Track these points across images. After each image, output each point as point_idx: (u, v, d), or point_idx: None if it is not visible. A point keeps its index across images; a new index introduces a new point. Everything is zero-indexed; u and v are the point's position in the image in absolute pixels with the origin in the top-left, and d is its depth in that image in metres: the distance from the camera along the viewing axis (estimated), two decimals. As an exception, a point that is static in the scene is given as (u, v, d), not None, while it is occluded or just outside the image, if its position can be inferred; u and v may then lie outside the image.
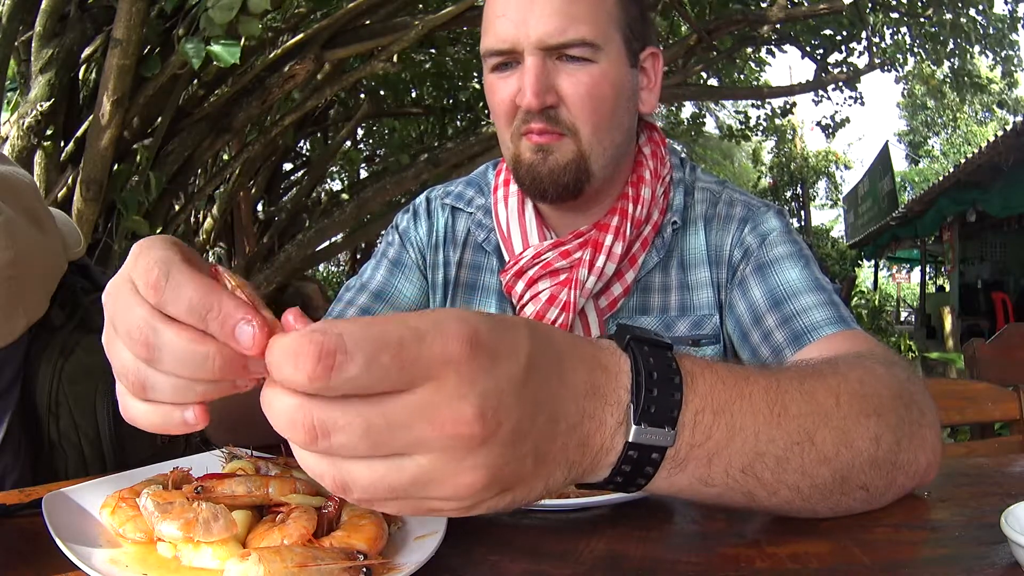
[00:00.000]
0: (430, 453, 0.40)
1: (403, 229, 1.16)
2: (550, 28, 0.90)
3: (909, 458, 0.63)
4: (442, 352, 0.39)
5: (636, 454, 0.49)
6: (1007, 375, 2.20)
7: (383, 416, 0.39)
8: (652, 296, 1.05)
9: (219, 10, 2.80)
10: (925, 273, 16.74)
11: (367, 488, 0.41)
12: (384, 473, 0.41)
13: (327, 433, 0.39)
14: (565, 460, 0.47)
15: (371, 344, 0.38)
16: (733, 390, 0.54)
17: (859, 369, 0.64)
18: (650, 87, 1.03)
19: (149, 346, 0.42)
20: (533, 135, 0.95)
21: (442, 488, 0.41)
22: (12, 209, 0.94)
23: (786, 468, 0.56)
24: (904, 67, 9.08)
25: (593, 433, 0.48)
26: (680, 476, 0.52)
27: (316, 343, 0.37)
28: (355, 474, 0.41)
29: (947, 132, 25.55)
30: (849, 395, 0.60)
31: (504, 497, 0.45)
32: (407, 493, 0.41)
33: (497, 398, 0.41)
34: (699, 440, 0.52)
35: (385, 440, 0.39)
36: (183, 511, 0.53)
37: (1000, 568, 0.53)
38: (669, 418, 0.50)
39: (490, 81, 0.98)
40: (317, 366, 0.37)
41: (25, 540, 0.61)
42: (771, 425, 0.55)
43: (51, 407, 0.97)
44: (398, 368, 0.38)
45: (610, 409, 0.48)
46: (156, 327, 0.42)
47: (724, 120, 15.88)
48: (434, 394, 0.39)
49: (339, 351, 0.37)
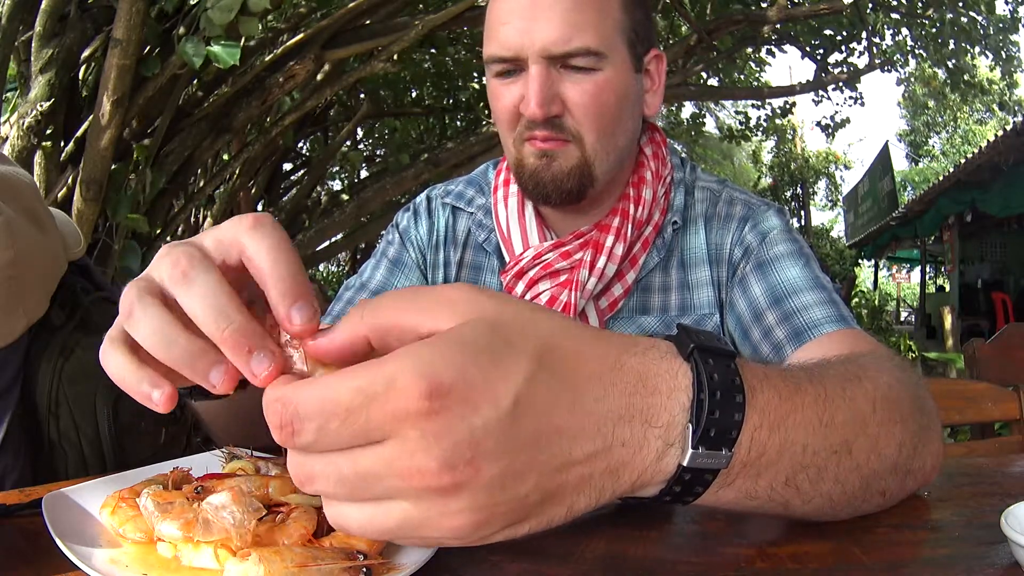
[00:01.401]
0: (408, 501, 0.40)
1: (403, 228, 1.15)
2: (555, 37, 0.89)
3: (920, 464, 0.63)
4: (394, 413, 0.38)
5: (689, 476, 0.47)
6: (1007, 375, 2.19)
7: (353, 467, 0.40)
8: (652, 296, 1.05)
9: (219, 10, 2.81)
10: (925, 273, 16.75)
11: (361, 528, 0.42)
12: (372, 515, 0.41)
13: (311, 479, 0.41)
14: (590, 488, 0.44)
15: (319, 413, 0.39)
16: (788, 403, 0.51)
17: (886, 374, 0.63)
18: (654, 89, 1.03)
19: (185, 269, 0.45)
20: (537, 141, 0.94)
21: (433, 530, 0.41)
22: (12, 209, 0.94)
23: (824, 478, 0.54)
24: (905, 68, 9.08)
25: (629, 460, 0.44)
26: (727, 491, 0.51)
27: (276, 414, 0.40)
28: (347, 516, 0.42)
29: (947, 132, 25.55)
30: (883, 401, 0.59)
31: (519, 528, 0.43)
32: (402, 534, 0.42)
33: (471, 448, 0.38)
34: (752, 458, 0.49)
35: (360, 488, 0.40)
36: (183, 511, 0.53)
37: (1000, 568, 0.53)
38: (728, 440, 0.47)
39: (493, 86, 0.97)
40: (281, 434, 0.40)
41: (25, 540, 0.61)
42: (818, 437, 0.53)
43: (51, 407, 0.97)
44: (350, 433, 0.39)
45: (655, 432, 0.45)
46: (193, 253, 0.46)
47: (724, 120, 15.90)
48: (396, 448, 0.39)
49: (295, 420, 0.39)
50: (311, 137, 7.34)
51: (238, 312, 0.44)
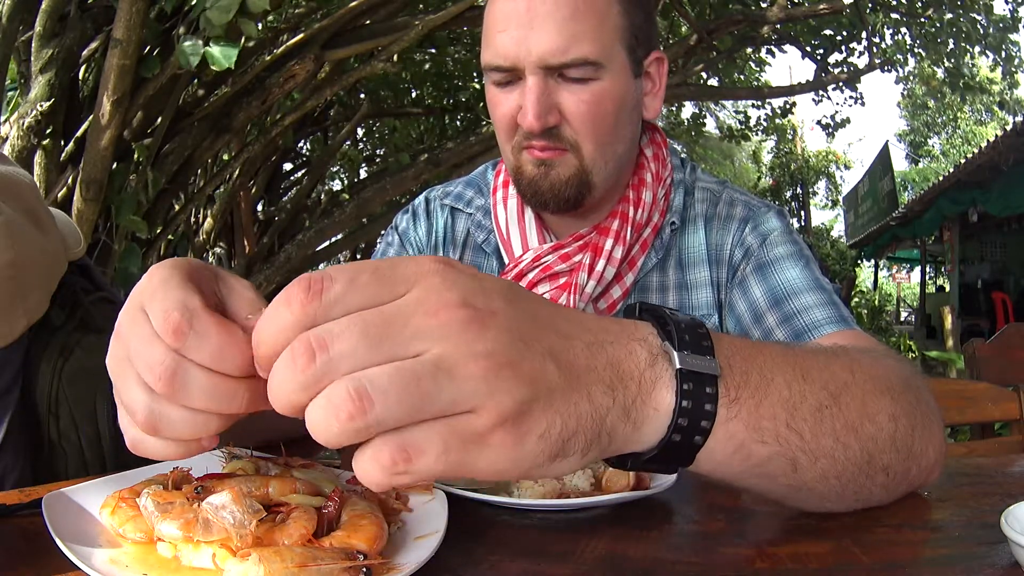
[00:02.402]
0: (435, 342, 0.40)
1: (402, 230, 1.15)
2: (551, 47, 0.88)
3: (922, 448, 0.63)
4: (417, 269, 0.42)
5: (691, 386, 0.48)
6: (1007, 375, 2.20)
7: (379, 314, 0.40)
8: (650, 296, 1.05)
9: (217, 11, 2.80)
10: (925, 273, 16.75)
11: (386, 388, 0.38)
12: (397, 365, 0.39)
13: (324, 345, 0.39)
14: (599, 379, 0.45)
15: (350, 269, 0.42)
16: (752, 348, 0.54)
17: (869, 356, 0.64)
18: (654, 92, 1.02)
19: (174, 381, 0.44)
20: (535, 150, 0.94)
21: (463, 382, 0.39)
22: (12, 209, 0.94)
23: (822, 429, 0.55)
24: (904, 68, 9.08)
25: (623, 359, 0.47)
26: (736, 423, 0.51)
27: (304, 279, 0.41)
28: (375, 381, 0.38)
29: (947, 132, 25.55)
30: (864, 372, 0.60)
31: (551, 416, 0.42)
32: (430, 392, 0.39)
33: (484, 295, 0.42)
34: (739, 380, 0.51)
35: (385, 334, 0.40)
36: (183, 511, 0.53)
37: (1000, 568, 0.53)
38: (706, 348, 0.49)
39: (491, 93, 0.97)
40: (308, 295, 0.40)
41: (25, 540, 0.61)
42: (798, 380, 0.55)
43: (51, 407, 0.97)
44: (377, 283, 0.41)
45: (636, 345, 0.48)
46: (182, 363, 0.44)
47: (724, 120, 15.89)
48: (421, 292, 0.41)
49: (324, 279, 0.41)
50: (311, 137, 7.35)
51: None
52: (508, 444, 0.41)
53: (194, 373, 0.44)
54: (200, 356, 0.44)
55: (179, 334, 0.44)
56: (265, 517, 0.55)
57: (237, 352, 0.44)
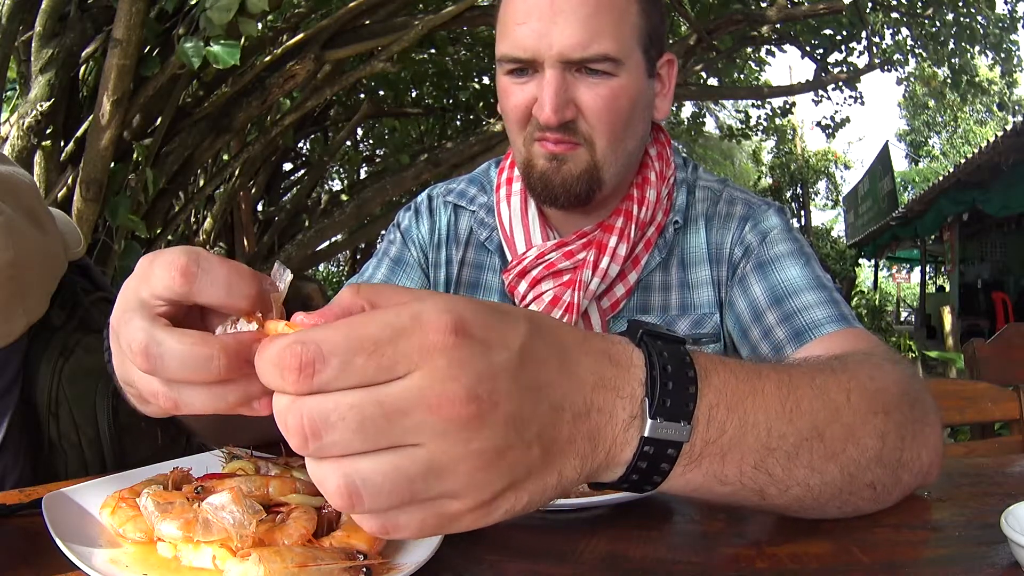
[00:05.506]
0: (431, 438, 0.40)
1: (405, 227, 1.15)
2: (573, 42, 0.88)
3: (912, 456, 0.63)
4: (421, 344, 0.39)
5: (652, 450, 0.48)
6: (1007, 375, 2.19)
7: (377, 404, 0.39)
8: (653, 295, 1.05)
9: (217, 11, 2.80)
10: (925, 273, 16.74)
11: (378, 487, 0.39)
12: (395, 463, 0.39)
13: (319, 433, 0.39)
14: (575, 452, 0.46)
15: (345, 348, 0.39)
16: (746, 385, 0.53)
17: (868, 366, 0.64)
18: (664, 93, 1.03)
19: (150, 356, 0.45)
20: (548, 143, 0.94)
21: (452, 478, 0.40)
22: (12, 209, 0.94)
23: (797, 464, 0.55)
24: (905, 67, 9.09)
25: (603, 426, 0.47)
26: (695, 473, 0.52)
27: (295, 355, 0.38)
28: (363, 470, 0.39)
29: (947, 132, 25.55)
30: (859, 392, 0.60)
31: (519, 495, 0.44)
32: (419, 489, 0.40)
33: (491, 381, 0.40)
34: (713, 436, 0.51)
35: (382, 430, 0.39)
36: (183, 511, 0.53)
37: (1000, 568, 0.53)
38: (684, 412, 0.49)
39: (504, 84, 0.96)
40: (298, 376, 0.38)
41: (25, 540, 0.61)
42: (783, 421, 0.54)
43: (51, 407, 0.97)
44: (375, 367, 0.39)
45: (622, 403, 0.47)
46: (157, 335, 0.45)
47: (724, 120, 15.88)
48: (425, 377, 0.39)
49: (316, 359, 0.38)
50: (311, 137, 7.35)
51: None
52: (476, 519, 0.43)
53: (170, 343, 0.45)
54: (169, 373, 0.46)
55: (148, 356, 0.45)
56: (265, 517, 0.55)
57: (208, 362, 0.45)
